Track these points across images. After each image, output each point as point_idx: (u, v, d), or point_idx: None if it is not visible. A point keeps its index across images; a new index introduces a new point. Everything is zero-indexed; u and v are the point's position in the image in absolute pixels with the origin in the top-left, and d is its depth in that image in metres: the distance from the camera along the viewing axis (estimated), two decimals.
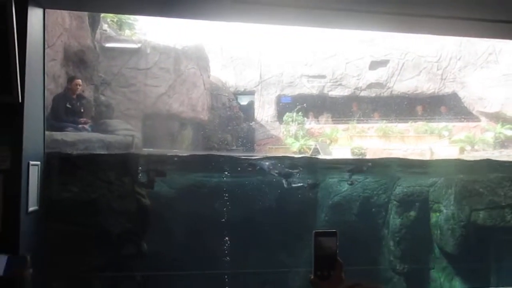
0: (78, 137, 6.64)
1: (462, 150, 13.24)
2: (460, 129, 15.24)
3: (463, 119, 15.77)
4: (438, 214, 6.73)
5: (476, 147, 13.86)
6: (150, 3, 3.52)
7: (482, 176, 6.54)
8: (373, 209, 7.16)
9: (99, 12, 9.29)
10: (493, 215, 6.18)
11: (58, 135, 6.15)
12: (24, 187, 3.16)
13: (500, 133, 14.17)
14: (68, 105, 7.78)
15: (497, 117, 15.03)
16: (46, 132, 3.74)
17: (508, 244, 6.29)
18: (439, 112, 16.37)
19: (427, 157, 12.07)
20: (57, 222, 3.92)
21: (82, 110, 8.14)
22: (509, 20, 3.59)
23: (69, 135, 6.52)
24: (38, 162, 3.41)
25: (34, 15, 3.23)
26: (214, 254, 6.37)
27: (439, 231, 6.66)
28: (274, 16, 3.67)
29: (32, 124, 3.27)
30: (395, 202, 7.05)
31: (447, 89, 16.81)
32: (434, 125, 15.43)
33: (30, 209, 3.25)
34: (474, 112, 16.05)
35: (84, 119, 8.00)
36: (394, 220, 6.97)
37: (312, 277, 1.68)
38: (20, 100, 3.00)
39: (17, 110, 3.06)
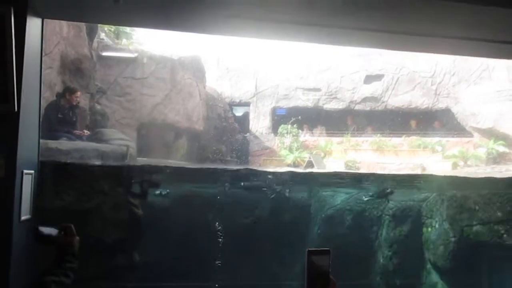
0: (73, 146, 6.62)
1: (455, 165, 13.32)
2: (453, 144, 15.34)
3: (456, 135, 15.89)
4: (430, 229, 6.75)
5: (468, 162, 13.95)
6: (146, 16, 3.57)
7: (474, 191, 6.58)
8: (366, 223, 7.17)
9: (97, 23, 9.35)
10: (485, 230, 6.21)
11: (53, 143, 6.14)
12: (17, 196, 3.16)
13: (492, 149, 14.28)
14: (59, 115, 7.66)
15: (490, 133, 15.15)
16: (41, 141, 3.75)
17: (500, 259, 6.32)
18: (432, 127, 16.49)
19: (418, 172, 12.12)
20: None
21: (74, 119, 8.02)
22: (500, 40, 3.66)
23: (64, 144, 6.51)
24: (32, 171, 3.41)
25: (33, 25, 3.26)
26: (207, 265, 6.35)
27: (431, 246, 6.68)
28: (266, 31, 3.73)
29: (27, 132, 3.28)
30: (387, 217, 7.06)
31: (441, 104, 16.96)
32: (427, 139, 15.53)
33: (23, 218, 3.24)
34: (467, 128, 16.17)
35: (80, 131, 7.93)
36: (387, 235, 6.98)
37: None
38: (16, 109, 3.01)
39: (13, 118, 3.07)
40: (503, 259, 6.30)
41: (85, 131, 7.89)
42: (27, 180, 3.29)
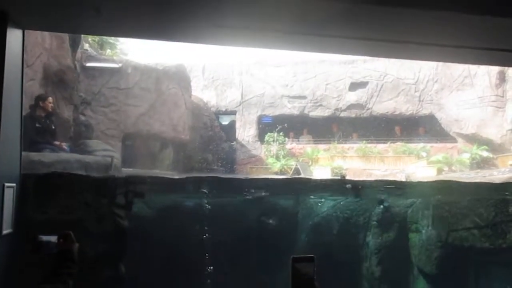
0: (56, 158, 6.53)
1: (439, 170, 13.46)
2: (437, 150, 15.52)
3: (440, 140, 16.08)
4: (416, 234, 6.79)
5: (453, 168, 14.11)
6: (131, 26, 3.55)
7: (460, 197, 6.64)
8: (353, 230, 7.19)
9: (79, 33, 9.29)
10: (471, 235, 6.27)
11: (35, 156, 6.05)
12: None
13: (476, 154, 14.47)
14: (37, 125, 7.46)
15: (473, 139, 15.36)
16: (23, 153, 3.69)
17: (486, 264, 6.37)
18: (417, 133, 16.67)
19: (403, 179, 12.21)
20: (35, 252, 3.84)
21: (53, 127, 7.84)
22: (485, 47, 3.72)
23: (47, 156, 6.42)
24: (14, 184, 3.36)
25: (13, 36, 3.22)
26: (193, 275, 6.29)
27: (417, 252, 6.71)
28: (254, 40, 3.74)
29: (8, 145, 3.23)
30: (374, 223, 7.08)
31: (425, 111, 17.18)
32: (412, 145, 15.68)
33: (4, 232, 3.19)
34: (451, 133, 16.38)
35: (59, 141, 7.77)
36: (374, 241, 7.00)
37: None
38: None
39: None
40: (489, 264, 6.35)
41: (63, 143, 7.71)
42: (8, 193, 3.24)
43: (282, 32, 3.49)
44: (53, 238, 2.38)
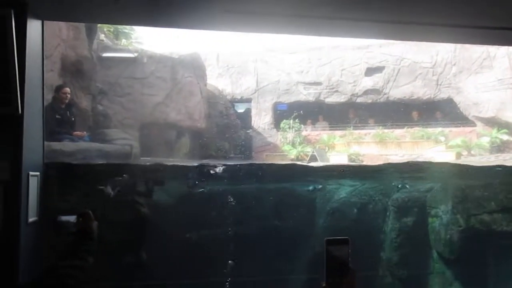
0: (77, 147, 6.64)
1: (458, 155, 13.29)
2: (456, 134, 15.31)
3: (459, 124, 15.85)
4: (436, 219, 6.75)
5: (472, 152, 13.92)
6: (142, 14, 3.56)
7: (480, 180, 6.57)
8: (371, 215, 7.18)
9: (95, 22, 9.35)
10: (491, 219, 6.21)
11: (56, 145, 6.16)
12: (24, 198, 3.17)
13: (496, 137, 14.24)
14: (57, 116, 7.54)
15: (493, 122, 15.12)
16: (45, 143, 3.76)
17: (506, 248, 6.31)
18: (434, 117, 16.46)
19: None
20: (55, 233, 3.93)
21: (73, 119, 7.94)
22: (503, 27, 3.64)
23: (68, 145, 6.53)
24: (38, 173, 3.42)
25: (33, 27, 3.26)
26: (212, 262, 6.37)
27: (437, 237, 6.68)
28: (264, 25, 3.72)
29: (31, 135, 3.29)
30: (393, 208, 7.06)
31: (443, 95, 16.92)
32: (430, 130, 15.49)
33: (30, 220, 3.26)
34: (469, 117, 16.13)
35: (78, 132, 7.86)
36: (392, 226, 6.98)
37: (324, 284, 1.68)
38: (20, 112, 3.02)
39: (17, 121, 3.08)
40: (510, 248, 6.29)
41: (76, 133, 7.77)
42: (33, 182, 3.31)
43: (294, 16, 3.46)
44: (72, 218, 2.46)
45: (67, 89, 7.96)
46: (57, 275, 2.12)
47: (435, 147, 14.46)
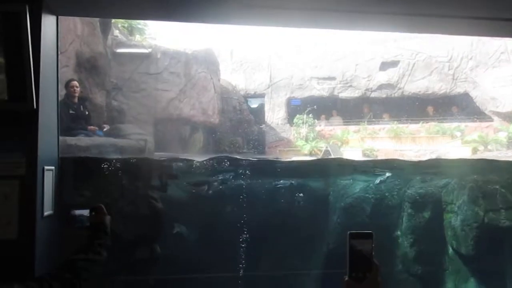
0: (91, 142, 6.70)
1: (475, 150, 13.11)
2: (472, 129, 15.10)
3: (475, 119, 15.63)
4: (451, 215, 6.67)
5: (489, 147, 13.71)
6: (156, 8, 3.55)
7: (496, 176, 6.47)
8: (386, 211, 7.12)
9: (109, 17, 9.40)
10: (508, 215, 6.11)
11: (71, 140, 6.23)
12: (40, 192, 3.20)
13: None
14: (71, 111, 7.58)
15: (510, 117, 14.87)
16: (60, 137, 3.79)
17: None
18: (450, 112, 16.25)
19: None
20: (69, 227, 3.97)
21: (87, 113, 7.98)
22: None
23: (82, 140, 6.59)
24: (53, 167, 3.45)
25: (48, 22, 3.28)
26: (227, 256, 6.38)
27: (453, 233, 6.60)
28: (281, 19, 3.68)
29: (46, 129, 3.32)
30: (408, 204, 6.99)
31: (459, 89, 16.69)
32: (446, 125, 15.30)
33: (46, 213, 3.29)
34: (486, 112, 15.90)
35: (93, 127, 7.89)
36: (408, 222, 6.92)
37: (347, 278, 1.65)
38: (35, 107, 3.04)
39: (32, 116, 3.10)
40: None
41: (90, 127, 7.80)
42: (48, 176, 3.33)
43: (309, 10, 3.42)
44: (85, 212, 2.53)
45: (75, 83, 7.95)
46: (71, 268, 2.14)
47: (450, 142, 14.28)
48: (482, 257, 6.25)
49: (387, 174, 7.23)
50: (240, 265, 6.38)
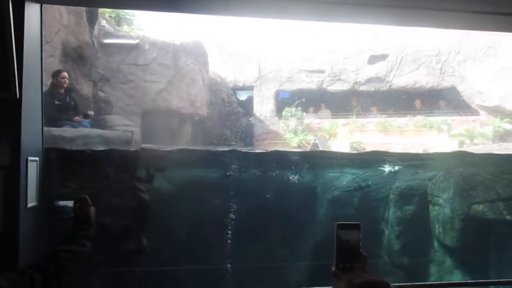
0: (77, 133, 6.62)
1: (461, 144, 13.25)
2: (459, 123, 15.25)
3: (462, 113, 15.78)
4: (437, 207, 6.74)
5: (475, 141, 13.87)
6: None
7: (481, 169, 6.55)
8: (373, 203, 7.17)
9: (96, 7, 9.27)
10: (493, 208, 6.19)
11: (56, 130, 6.14)
12: (23, 183, 3.16)
13: (499, 127, 14.18)
14: (57, 102, 7.43)
15: (496, 111, 15.04)
16: (45, 128, 3.74)
17: (507, 237, 6.31)
18: (438, 106, 16.37)
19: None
20: (53, 218, 3.93)
21: (73, 104, 7.83)
22: (509, 13, 3.58)
23: (68, 131, 6.51)
24: (37, 158, 3.41)
25: (31, 11, 3.22)
26: (214, 249, 6.39)
27: (438, 225, 6.67)
28: (271, 10, 3.66)
29: (30, 120, 3.27)
30: (394, 196, 7.05)
31: (446, 83, 16.80)
32: (433, 119, 15.43)
33: (29, 205, 3.25)
34: (473, 106, 16.04)
35: (78, 117, 7.75)
36: (394, 214, 6.98)
37: (334, 268, 1.66)
38: (18, 96, 2.99)
39: (15, 106, 3.06)
40: (510, 237, 6.29)
41: (76, 118, 7.67)
42: (32, 167, 3.29)
43: (300, 1, 3.40)
44: (70, 203, 2.47)
45: (65, 74, 7.78)
46: (54, 260, 2.12)
47: (437, 136, 14.41)
48: (466, 248, 6.34)
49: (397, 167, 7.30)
50: (228, 258, 6.40)
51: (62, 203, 2.46)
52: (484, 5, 3.47)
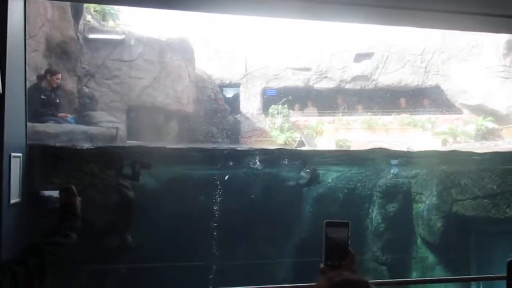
0: (61, 129, 6.55)
1: (444, 142, 13.41)
2: (443, 121, 15.43)
3: (445, 112, 15.97)
4: (420, 205, 6.83)
5: (458, 139, 14.06)
6: None
7: (464, 167, 6.65)
8: (357, 201, 7.24)
9: (81, 1, 9.17)
10: (474, 205, 6.30)
11: (40, 126, 6.07)
12: (6, 179, 3.12)
13: (481, 125, 14.39)
14: (42, 96, 7.42)
15: (479, 110, 15.25)
16: (28, 124, 3.70)
17: (489, 233, 6.42)
18: (422, 104, 16.55)
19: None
20: (39, 215, 3.89)
21: (57, 101, 7.83)
22: (492, 14, 3.64)
23: (52, 127, 6.44)
24: (20, 154, 3.37)
25: (15, 5, 3.18)
26: (199, 245, 6.39)
27: (421, 222, 6.77)
28: (259, 8, 3.66)
29: (13, 115, 3.23)
30: (378, 194, 7.13)
31: (431, 82, 16.99)
32: (417, 117, 15.59)
33: (12, 201, 3.21)
34: (456, 105, 16.25)
35: (63, 113, 7.74)
36: (378, 211, 7.06)
37: (322, 265, 1.67)
38: (1, 92, 2.95)
39: None
40: (492, 233, 6.41)
41: (61, 114, 7.65)
42: (15, 163, 3.25)
43: (302, 0, 3.41)
44: (55, 193, 2.44)
45: (60, 75, 7.94)
46: (37, 252, 2.04)
47: (422, 134, 14.56)
48: (448, 245, 6.44)
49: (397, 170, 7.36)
50: (214, 254, 6.40)
51: (47, 193, 2.42)
52: (467, 6, 3.52)
